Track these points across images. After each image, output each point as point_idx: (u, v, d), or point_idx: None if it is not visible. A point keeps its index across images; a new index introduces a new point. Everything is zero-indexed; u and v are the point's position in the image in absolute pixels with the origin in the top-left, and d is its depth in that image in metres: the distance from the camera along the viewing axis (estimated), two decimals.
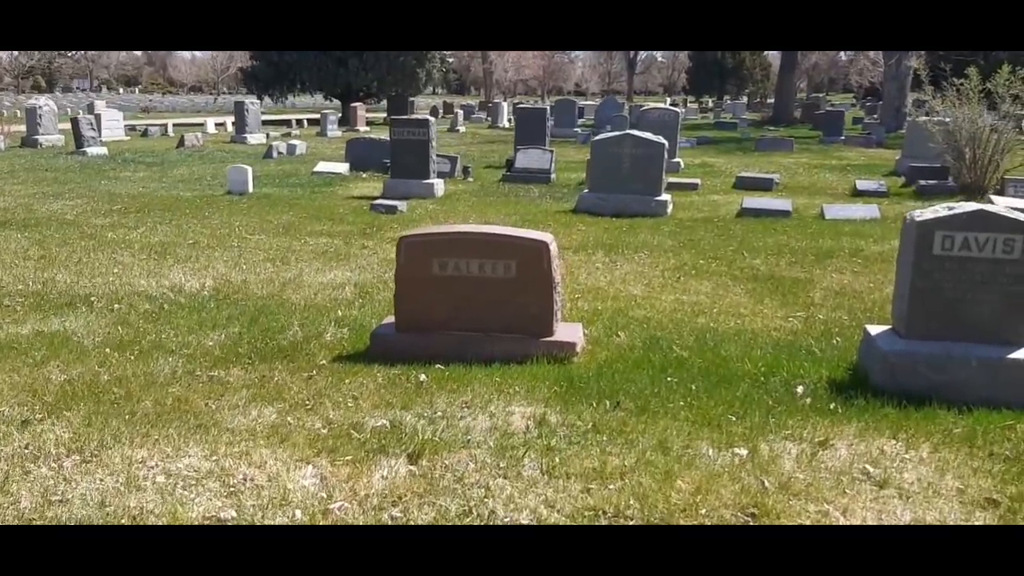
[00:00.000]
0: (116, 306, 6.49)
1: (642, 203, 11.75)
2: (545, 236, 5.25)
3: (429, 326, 5.30)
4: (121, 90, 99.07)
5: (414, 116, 13.71)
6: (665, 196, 12.04)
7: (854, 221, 11.19)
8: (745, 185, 14.91)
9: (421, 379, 4.74)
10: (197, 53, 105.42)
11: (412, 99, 46.74)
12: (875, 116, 37.68)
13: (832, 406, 4.48)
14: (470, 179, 15.80)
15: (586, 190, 12.39)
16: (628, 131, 12.63)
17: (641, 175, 11.87)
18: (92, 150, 20.35)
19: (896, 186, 15.06)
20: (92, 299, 6.69)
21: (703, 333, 5.97)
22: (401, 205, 11.57)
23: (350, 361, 5.16)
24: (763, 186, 14.82)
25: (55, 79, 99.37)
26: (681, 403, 4.45)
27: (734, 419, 4.24)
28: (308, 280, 7.59)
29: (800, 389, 4.69)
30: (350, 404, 4.40)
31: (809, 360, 5.24)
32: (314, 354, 5.30)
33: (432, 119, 13.29)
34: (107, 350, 5.28)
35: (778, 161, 20.12)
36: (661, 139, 12.13)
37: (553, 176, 15.67)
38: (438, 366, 5.00)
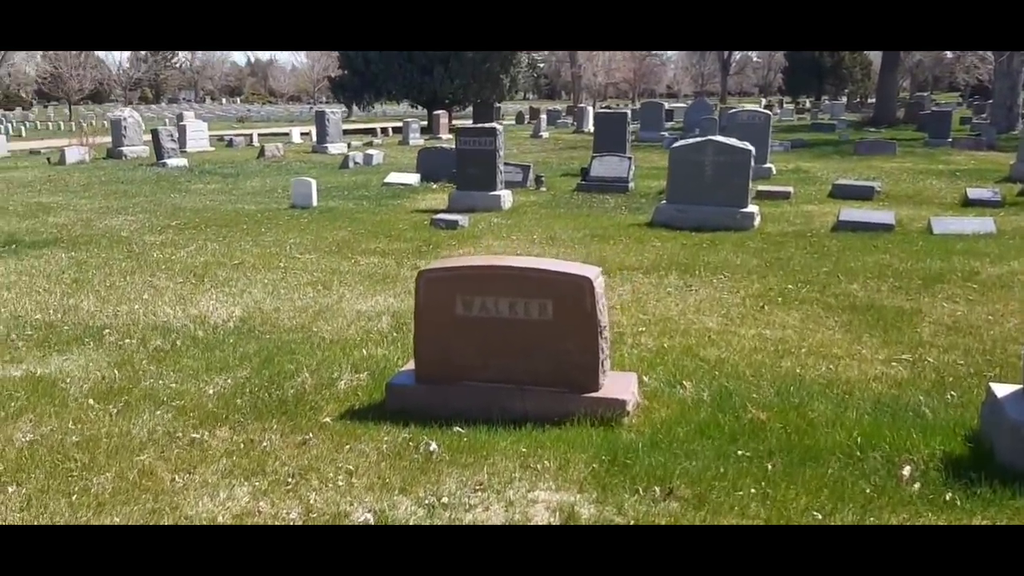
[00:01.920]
0: (127, 341, 5.92)
1: (725, 215, 10.72)
2: (588, 270, 4.39)
3: (452, 376, 4.51)
4: (224, 100, 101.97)
5: (480, 124, 13.02)
6: (751, 207, 10.97)
7: (966, 236, 9.90)
8: (842, 193, 13.65)
9: (431, 448, 3.94)
10: (296, 63, 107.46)
11: (498, 105, 46.31)
12: (984, 116, 35.18)
13: (948, 496, 3.49)
14: (543, 189, 14.98)
15: (664, 201, 11.42)
16: (710, 137, 11.61)
17: (724, 185, 10.84)
18: (172, 161, 20.34)
19: (1012, 194, 13.53)
20: (105, 332, 6.14)
21: (787, 383, 4.99)
22: (463, 220, 10.83)
23: (358, 419, 4.40)
24: (862, 195, 13.53)
25: (162, 90, 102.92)
26: (752, 490, 3.52)
27: (820, 517, 3.30)
28: (346, 308, 6.90)
29: (907, 471, 3.70)
30: (340, 483, 3.63)
31: (917, 426, 4.22)
32: (320, 408, 4.56)
33: (499, 127, 12.52)
34: (90, 401, 4.66)
35: (879, 166, 18.64)
36: (747, 145, 11.06)
37: (631, 185, 14.72)
38: (457, 428, 4.20)
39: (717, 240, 9.90)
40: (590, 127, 34.30)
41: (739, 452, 3.92)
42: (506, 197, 12.57)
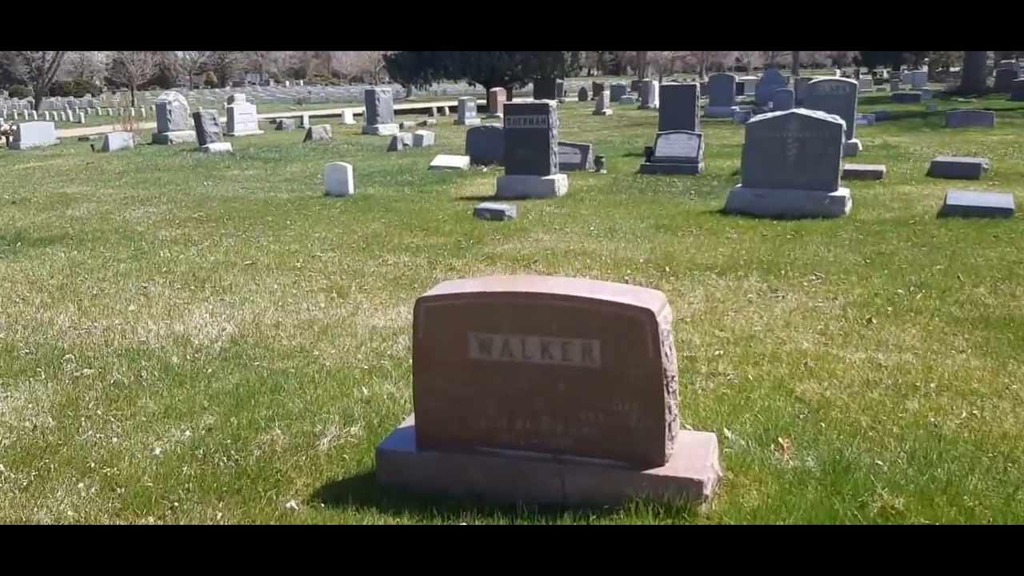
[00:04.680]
0: (86, 371, 4.87)
1: (812, 200, 9.29)
2: (649, 299, 3.14)
3: (465, 440, 3.32)
4: (287, 83, 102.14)
5: (531, 101, 11.73)
6: (842, 191, 9.51)
7: None
8: (943, 172, 12.02)
9: None
10: None
11: (560, 81, 44.83)
12: None
13: None
14: (603, 171, 13.63)
15: (740, 184, 10.03)
16: (793, 110, 10.14)
17: (811, 165, 9.40)
18: (214, 146, 19.53)
19: None
20: (66, 358, 5.10)
21: (921, 441, 3.68)
22: (510, 209, 9.60)
23: (336, 501, 3.24)
24: (967, 173, 11.87)
25: (227, 74, 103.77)
26: None
27: None
28: (359, 323, 5.76)
29: None
30: None
31: None
32: (287, 483, 3.41)
33: (553, 103, 11.22)
34: (0, 467, 3.60)
35: (977, 139, 16.79)
36: (836, 119, 9.59)
37: (701, 165, 13.29)
38: (463, 525, 3.01)
39: (803, 230, 8.50)
40: (656, 102, 32.67)
41: None
42: (561, 182, 11.29)
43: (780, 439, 3.71)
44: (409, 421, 3.59)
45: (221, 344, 5.36)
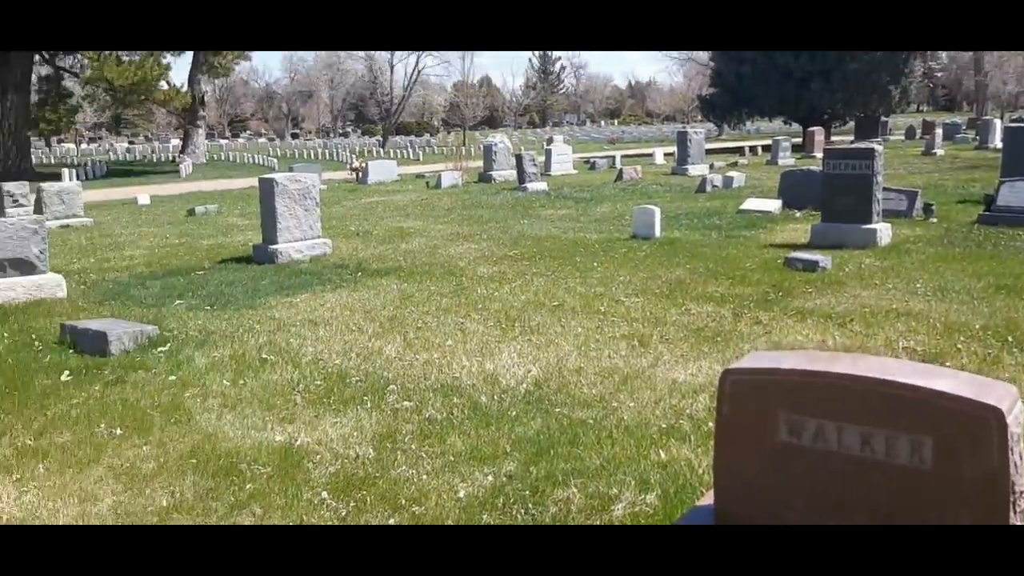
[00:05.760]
0: (405, 404, 5.24)
1: None
2: (1000, 393, 2.74)
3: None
4: (603, 123, 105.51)
5: (854, 146, 10.98)
6: None
7: None
8: None
9: None
10: (672, 83, 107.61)
11: (885, 119, 42.04)
12: None
13: None
14: (932, 220, 12.46)
15: None
16: None
17: None
18: (532, 186, 20.54)
19: None
20: (390, 388, 5.54)
21: None
22: (824, 260, 9.05)
23: None
24: None
25: (548, 115, 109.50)
26: None
27: None
28: (659, 375, 5.68)
29: None
30: None
31: None
32: None
33: (878, 148, 10.45)
34: (324, 494, 3.94)
35: None
36: None
37: None
38: None
39: None
40: (997, 143, 29.49)
41: None
42: (883, 231, 10.48)
43: None
44: (707, 499, 3.44)
45: (526, 386, 5.53)
